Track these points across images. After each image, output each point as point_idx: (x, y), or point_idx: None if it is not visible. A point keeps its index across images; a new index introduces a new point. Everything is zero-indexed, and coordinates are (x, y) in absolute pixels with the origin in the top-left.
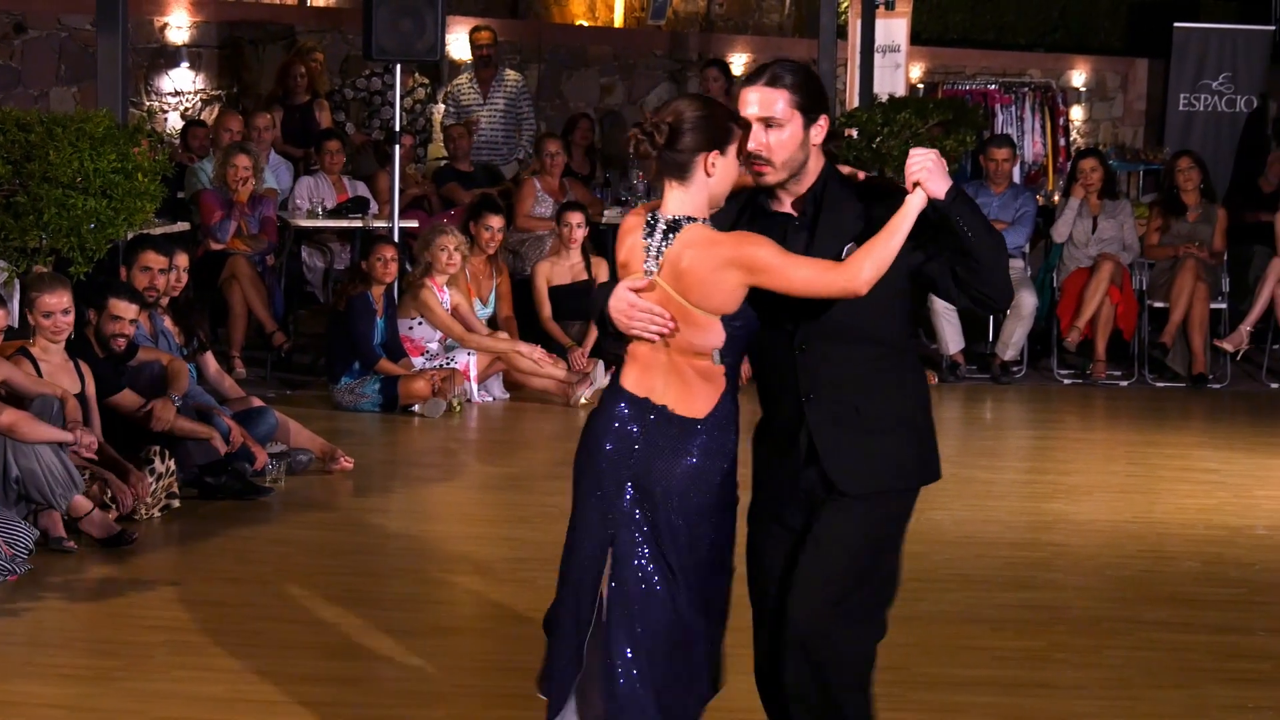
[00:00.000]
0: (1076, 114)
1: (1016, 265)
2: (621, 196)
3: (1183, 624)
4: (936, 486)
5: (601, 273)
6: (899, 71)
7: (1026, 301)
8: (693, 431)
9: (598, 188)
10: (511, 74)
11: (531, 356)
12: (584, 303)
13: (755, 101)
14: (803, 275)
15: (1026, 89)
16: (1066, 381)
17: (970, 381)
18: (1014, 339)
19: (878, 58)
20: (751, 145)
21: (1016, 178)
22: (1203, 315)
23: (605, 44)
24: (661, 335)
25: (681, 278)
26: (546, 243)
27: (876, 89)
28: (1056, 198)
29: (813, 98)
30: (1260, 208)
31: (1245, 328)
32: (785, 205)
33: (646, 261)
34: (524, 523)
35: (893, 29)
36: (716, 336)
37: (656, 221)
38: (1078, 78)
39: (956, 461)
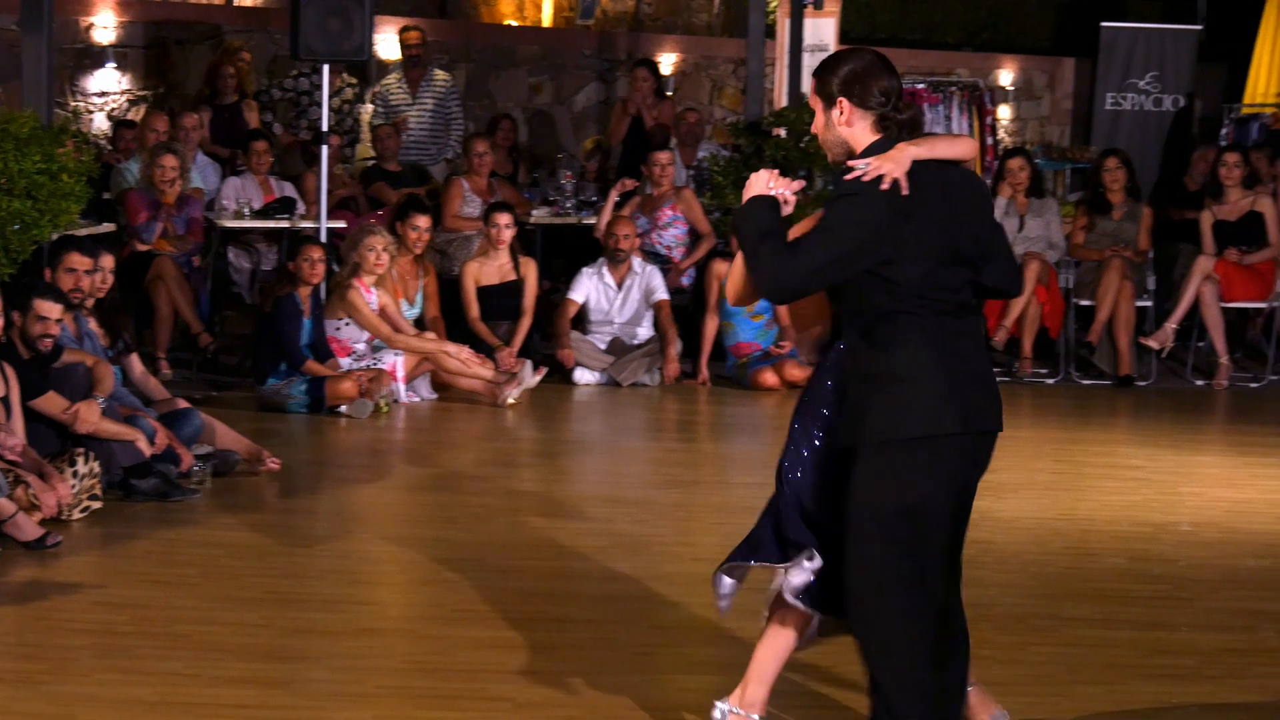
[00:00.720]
0: (1004, 113)
1: None
2: (549, 197)
3: (1107, 620)
4: None
5: (530, 272)
6: None
7: None
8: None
9: (526, 188)
10: (440, 74)
11: (459, 357)
12: (512, 303)
13: None
14: None
15: (954, 88)
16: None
17: None
18: None
19: (806, 57)
20: None
21: None
22: (1128, 313)
23: (534, 43)
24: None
25: None
26: (474, 243)
27: (805, 88)
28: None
29: (825, 86)
30: (1185, 206)
31: (1170, 325)
32: None
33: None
34: (450, 523)
35: (821, 28)
36: None
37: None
38: (1005, 77)
39: None
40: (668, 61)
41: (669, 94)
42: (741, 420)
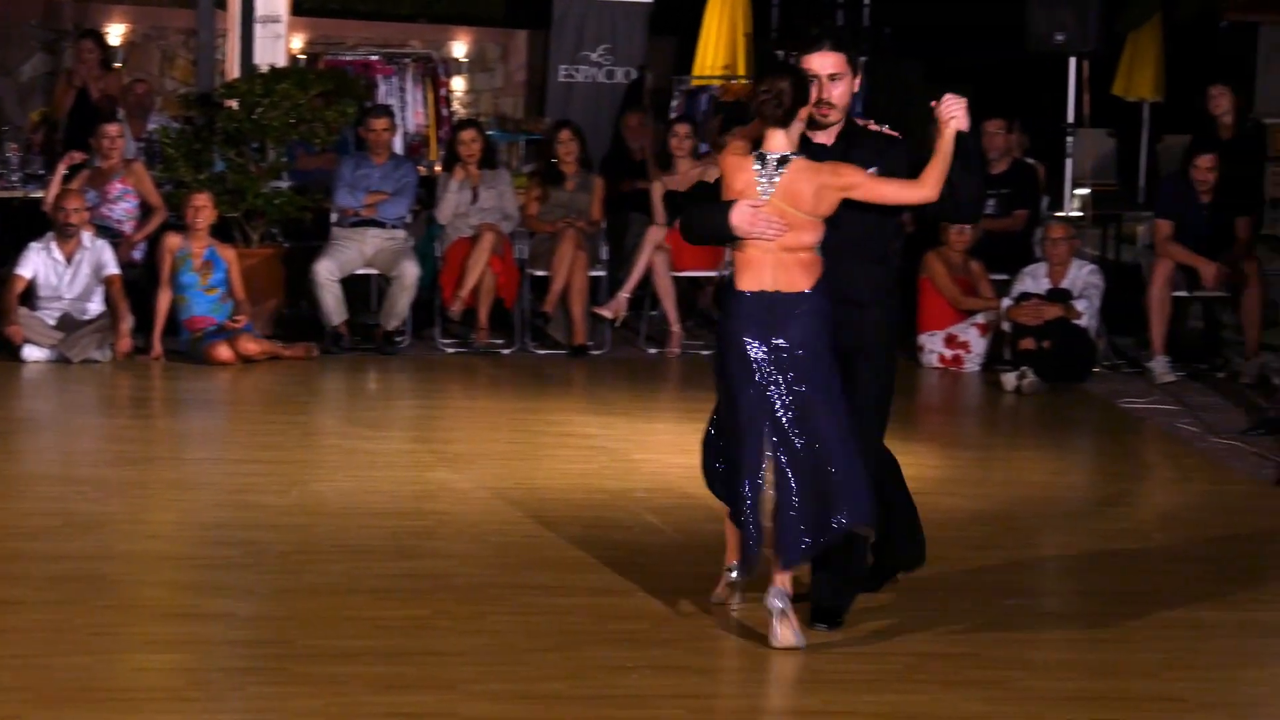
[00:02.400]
0: (458, 85)
1: (398, 235)
2: None
3: (564, 588)
4: (320, 458)
5: None
6: (279, 42)
7: (409, 271)
8: (802, 299)
9: None
10: None
11: None
12: None
13: (824, 63)
14: (891, 190)
15: (408, 60)
16: (450, 351)
17: (354, 353)
18: (397, 309)
19: (258, 28)
20: (825, 95)
21: (398, 148)
22: (582, 283)
23: None
24: (775, 236)
25: (794, 197)
26: None
27: (257, 59)
28: (438, 168)
29: (855, 58)
30: (636, 177)
31: (623, 295)
32: (821, 139)
33: (759, 186)
34: None
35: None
36: (818, 234)
37: (766, 158)
38: (459, 49)
39: (340, 433)
40: (116, 32)
41: (117, 65)
42: (196, 395)
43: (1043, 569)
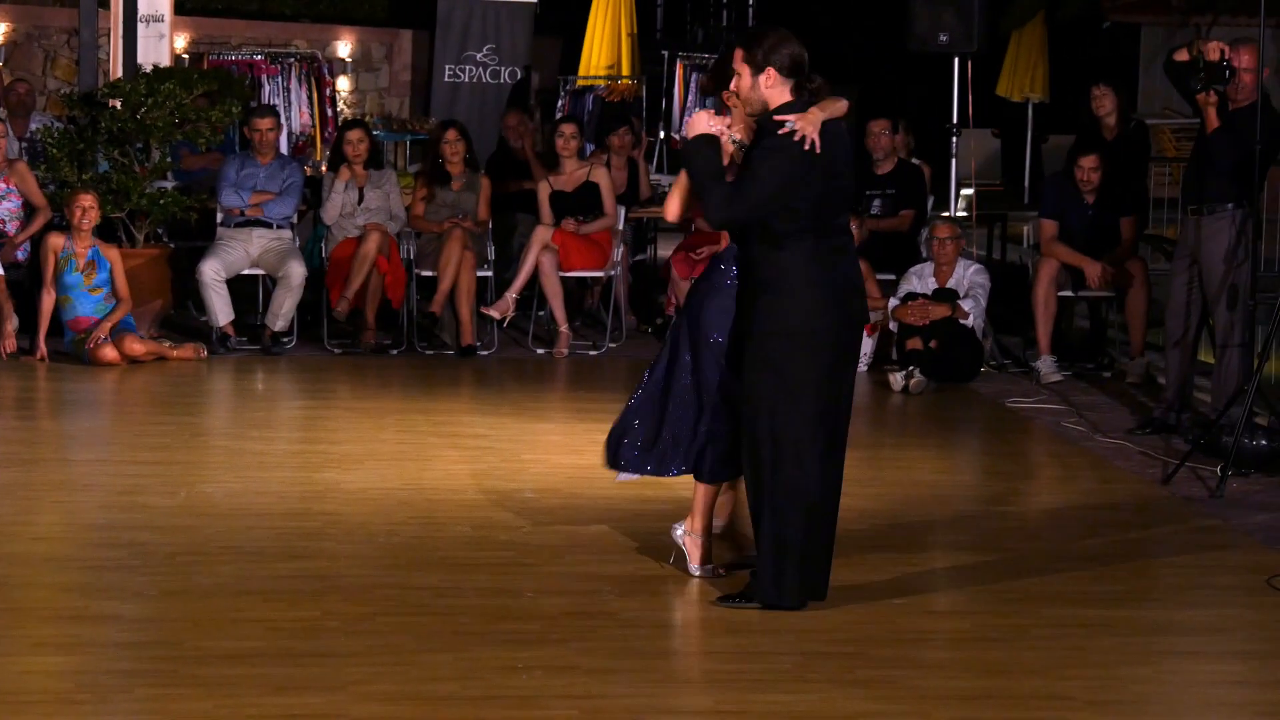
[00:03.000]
0: (343, 85)
1: (284, 236)
2: None
3: (454, 589)
4: (207, 459)
5: None
6: (163, 41)
7: (295, 272)
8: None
9: None
10: None
11: None
12: None
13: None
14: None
15: (293, 59)
16: (337, 352)
17: (241, 353)
18: (284, 310)
19: (141, 27)
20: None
21: (284, 148)
22: (470, 284)
23: None
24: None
25: None
26: None
27: (141, 59)
28: (324, 168)
29: (754, 55)
30: (522, 177)
31: (511, 295)
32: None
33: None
34: None
35: None
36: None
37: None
38: (344, 48)
39: (228, 434)
40: None
41: None
42: (82, 396)
43: (931, 568)
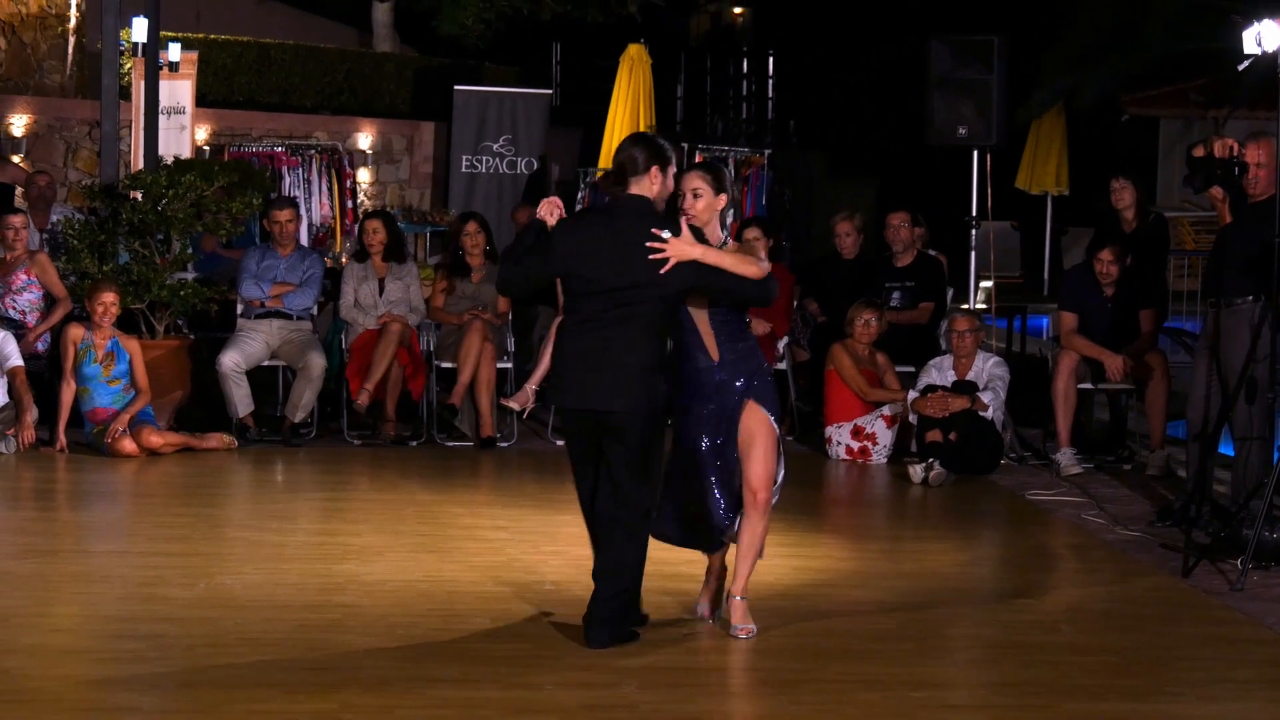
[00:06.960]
0: (364, 176)
1: (304, 327)
2: None
3: (472, 680)
4: (226, 551)
5: None
6: (185, 133)
7: (315, 363)
8: None
9: None
10: None
11: None
12: None
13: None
14: None
15: (313, 151)
16: (357, 443)
17: (261, 444)
18: (303, 401)
19: (163, 120)
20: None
21: (304, 239)
22: (489, 375)
23: None
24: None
25: None
26: None
27: (162, 151)
28: (345, 260)
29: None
30: None
31: (530, 386)
32: None
33: None
34: None
35: (177, 91)
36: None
37: None
38: (364, 140)
39: (247, 525)
40: (20, 123)
41: (16, 157)
42: (100, 487)
43: (950, 661)
